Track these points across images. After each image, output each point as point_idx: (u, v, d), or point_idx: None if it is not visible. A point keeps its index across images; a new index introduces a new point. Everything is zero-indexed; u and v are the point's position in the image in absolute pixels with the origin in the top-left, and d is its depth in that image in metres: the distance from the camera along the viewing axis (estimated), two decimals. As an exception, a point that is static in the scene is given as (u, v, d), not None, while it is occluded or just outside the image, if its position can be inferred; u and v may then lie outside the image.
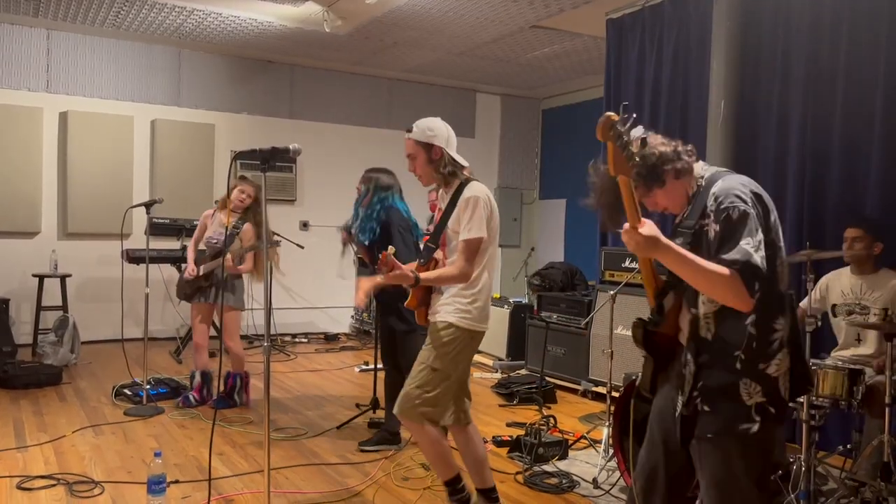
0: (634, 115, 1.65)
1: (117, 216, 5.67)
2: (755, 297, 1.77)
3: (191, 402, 4.99)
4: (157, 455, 3.28)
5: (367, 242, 4.06)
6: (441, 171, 2.97)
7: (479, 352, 7.08)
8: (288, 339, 7.96)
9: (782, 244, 1.97)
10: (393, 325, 4.10)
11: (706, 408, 1.94)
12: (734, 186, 1.90)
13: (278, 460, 3.95)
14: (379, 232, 4.02)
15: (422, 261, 3.01)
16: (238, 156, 3.10)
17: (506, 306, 6.83)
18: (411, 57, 7.95)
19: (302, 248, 6.93)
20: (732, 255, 1.78)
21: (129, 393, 5.18)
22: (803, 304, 3.76)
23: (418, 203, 3.39)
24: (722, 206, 1.87)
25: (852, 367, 3.37)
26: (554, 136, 9.77)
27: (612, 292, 4.25)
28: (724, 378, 1.91)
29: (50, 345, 6.20)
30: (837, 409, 3.34)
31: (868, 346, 3.70)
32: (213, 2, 6.29)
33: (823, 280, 3.91)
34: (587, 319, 5.63)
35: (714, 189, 1.93)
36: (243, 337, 7.99)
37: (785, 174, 4.62)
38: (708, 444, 1.95)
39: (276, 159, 2.73)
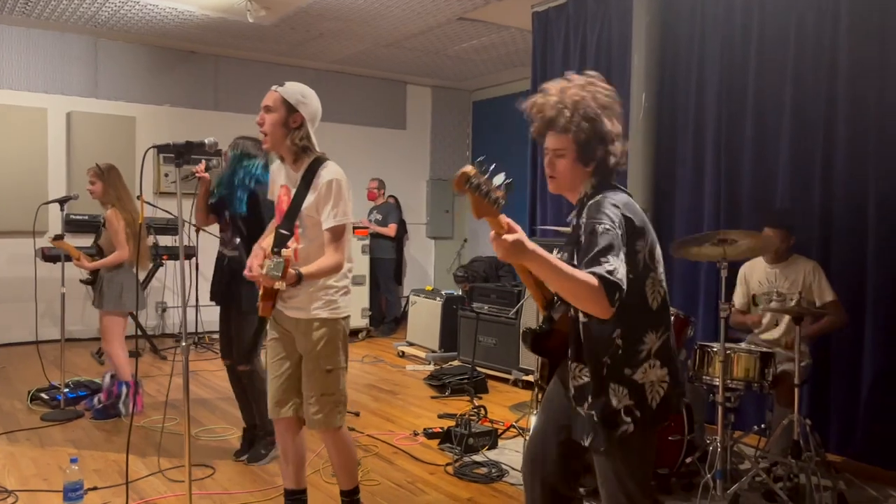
0: (494, 166, 1.70)
1: (30, 213, 5.42)
2: (614, 306, 1.83)
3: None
4: (73, 461, 3.17)
5: (244, 212, 3.74)
6: (294, 141, 2.72)
7: (412, 344, 7.10)
8: (216, 336, 7.76)
9: (659, 265, 2.04)
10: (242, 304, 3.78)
11: (593, 413, 2.01)
12: (606, 205, 1.96)
13: (204, 461, 3.86)
14: (248, 203, 3.73)
15: (275, 249, 2.72)
16: (156, 149, 3.01)
17: (438, 298, 6.84)
18: (338, 48, 7.85)
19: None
20: (594, 268, 1.84)
21: (45, 397, 4.97)
22: (736, 301, 4.01)
23: (356, 191, 3.23)
24: (590, 220, 1.94)
25: (765, 349, 3.51)
26: (484, 128, 9.83)
27: (538, 283, 4.31)
28: (595, 381, 2.00)
29: (-41, 349, 5.90)
30: (751, 391, 3.48)
31: (779, 330, 3.87)
32: (129, -11, 6.07)
33: (741, 271, 4.06)
34: (516, 309, 5.70)
35: (590, 201, 2.00)
36: (169, 335, 7.84)
37: (703, 165, 4.77)
38: (598, 454, 2.04)
39: (191, 153, 2.66)
